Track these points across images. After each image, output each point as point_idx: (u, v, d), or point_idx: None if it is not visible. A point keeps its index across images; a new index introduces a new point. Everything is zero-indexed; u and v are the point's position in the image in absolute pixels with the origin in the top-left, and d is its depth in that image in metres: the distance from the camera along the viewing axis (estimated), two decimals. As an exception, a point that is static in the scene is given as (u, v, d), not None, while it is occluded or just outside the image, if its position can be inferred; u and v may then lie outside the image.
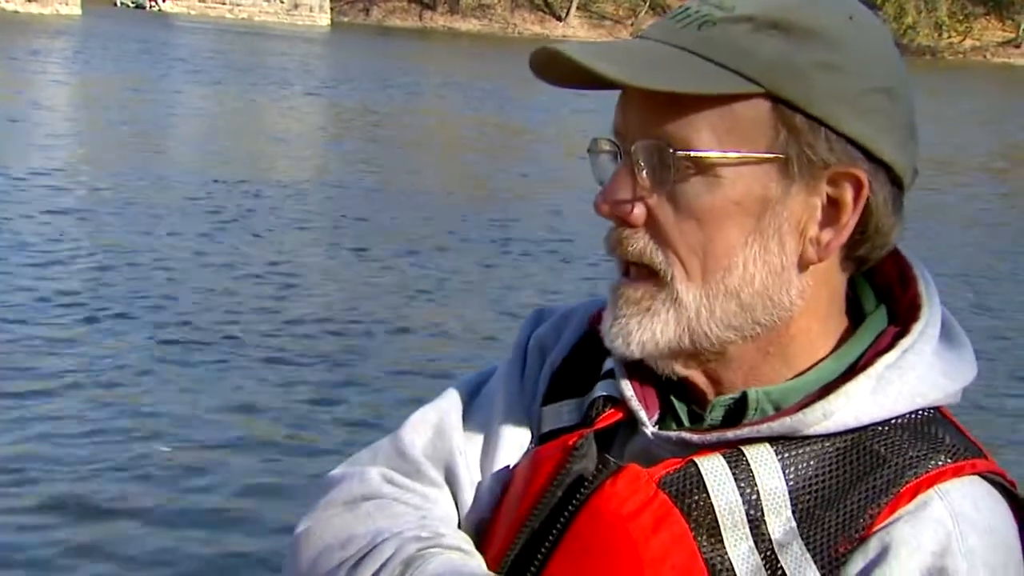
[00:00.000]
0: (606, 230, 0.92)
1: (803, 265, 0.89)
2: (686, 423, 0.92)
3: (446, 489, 0.98)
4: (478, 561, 0.92)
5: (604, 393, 0.95)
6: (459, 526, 0.98)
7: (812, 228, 0.88)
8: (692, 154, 0.86)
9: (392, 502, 0.96)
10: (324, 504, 0.97)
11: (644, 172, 0.88)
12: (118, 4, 43.25)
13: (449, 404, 1.02)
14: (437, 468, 0.99)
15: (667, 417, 0.93)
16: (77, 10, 32.73)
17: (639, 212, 0.88)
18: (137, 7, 43.05)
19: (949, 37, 42.48)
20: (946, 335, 0.92)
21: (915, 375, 0.88)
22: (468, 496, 0.97)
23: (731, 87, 0.85)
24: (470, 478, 0.98)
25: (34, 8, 31.05)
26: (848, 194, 0.87)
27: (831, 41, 0.87)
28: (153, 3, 43.31)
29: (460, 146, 14.73)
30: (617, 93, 0.91)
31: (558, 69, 0.88)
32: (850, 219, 0.88)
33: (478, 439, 1.00)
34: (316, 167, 12.05)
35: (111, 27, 26.02)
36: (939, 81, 29.10)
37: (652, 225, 0.88)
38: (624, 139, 0.90)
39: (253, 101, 17.04)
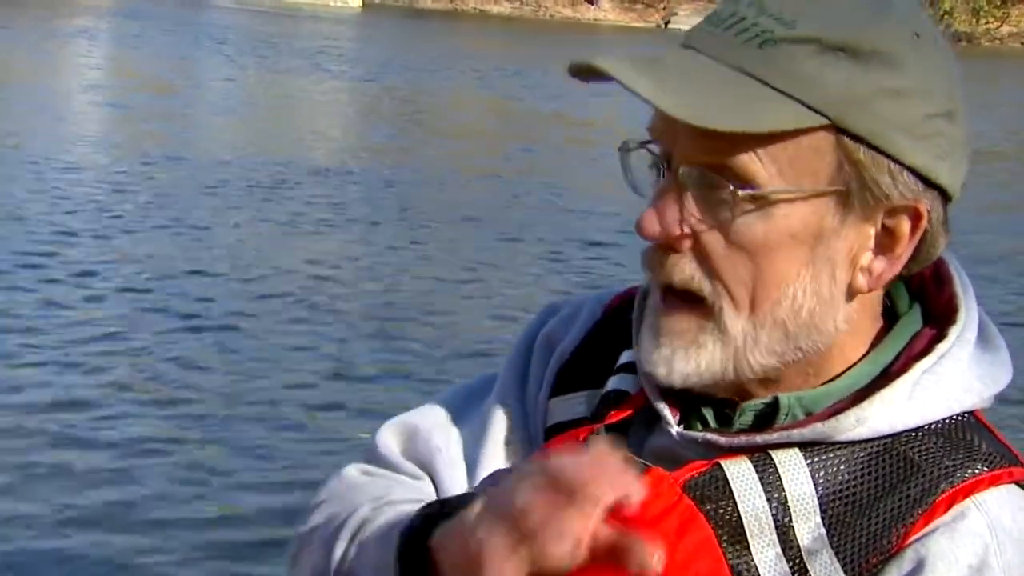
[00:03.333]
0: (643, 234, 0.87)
1: (852, 294, 0.86)
2: (712, 424, 0.90)
3: (424, 478, 0.98)
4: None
5: (618, 388, 0.93)
6: None
7: (864, 257, 0.85)
8: (750, 189, 0.82)
9: (365, 483, 0.97)
10: (313, 503, 0.98)
11: (693, 198, 0.83)
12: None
13: (431, 407, 1.02)
14: (415, 465, 0.99)
15: (691, 417, 0.90)
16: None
17: (685, 238, 0.85)
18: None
19: (986, 23, 41.92)
20: (982, 337, 0.89)
21: (952, 380, 0.86)
22: (447, 492, 0.96)
23: (797, 121, 0.81)
24: (451, 475, 0.96)
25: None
26: (905, 225, 0.85)
27: (897, 64, 0.83)
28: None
29: (494, 131, 14.68)
30: None
31: (594, 70, 0.82)
32: (905, 251, 0.85)
33: (463, 437, 0.99)
34: (351, 151, 12.04)
35: (141, 7, 26.09)
36: (978, 68, 28.73)
37: (699, 252, 0.85)
38: (669, 154, 0.85)
39: (287, 84, 17.05)
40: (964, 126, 0.87)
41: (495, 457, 0.97)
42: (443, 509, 0.82)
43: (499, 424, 0.98)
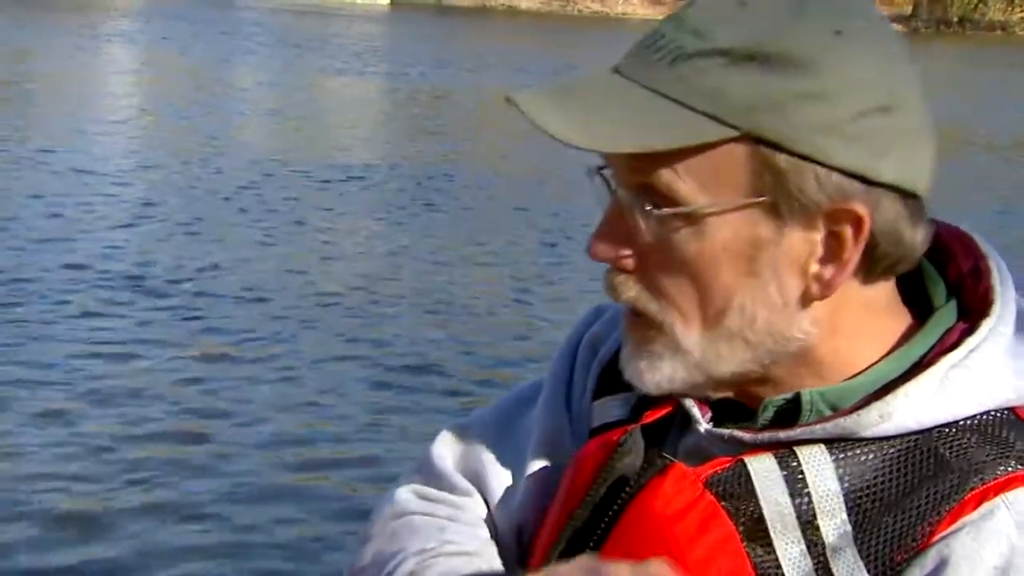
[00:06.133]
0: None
1: (807, 301, 0.84)
2: (745, 422, 0.89)
3: (477, 496, 0.98)
4: (483, 562, 0.91)
5: None
6: (495, 531, 0.97)
7: (813, 264, 0.83)
8: (673, 209, 0.82)
9: (417, 517, 0.97)
10: (365, 534, 0.99)
11: (632, 219, 0.84)
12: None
13: (483, 416, 1.03)
14: (467, 477, 0.99)
15: (724, 414, 0.90)
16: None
17: (629, 258, 0.85)
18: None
19: (1022, 11, 41.42)
20: (1022, 330, 0.86)
21: (983, 375, 0.84)
22: (499, 502, 0.97)
23: (704, 136, 0.81)
24: (501, 484, 0.97)
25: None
26: (847, 231, 0.82)
27: (813, 67, 0.80)
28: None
29: (523, 132, 14.64)
30: None
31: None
32: (851, 255, 0.83)
33: (515, 445, 0.99)
34: (380, 150, 12.08)
35: (170, 9, 26.30)
36: (1013, 57, 28.39)
37: (643, 272, 0.85)
38: (612, 176, 0.86)
39: (323, 84, 17.14)
40: (912, 114, 0.83)
41: (542, 466, 0.97)
42: None
43: (544, 432, 0.98)
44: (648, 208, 0.83)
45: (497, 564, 0.93)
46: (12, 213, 7.94)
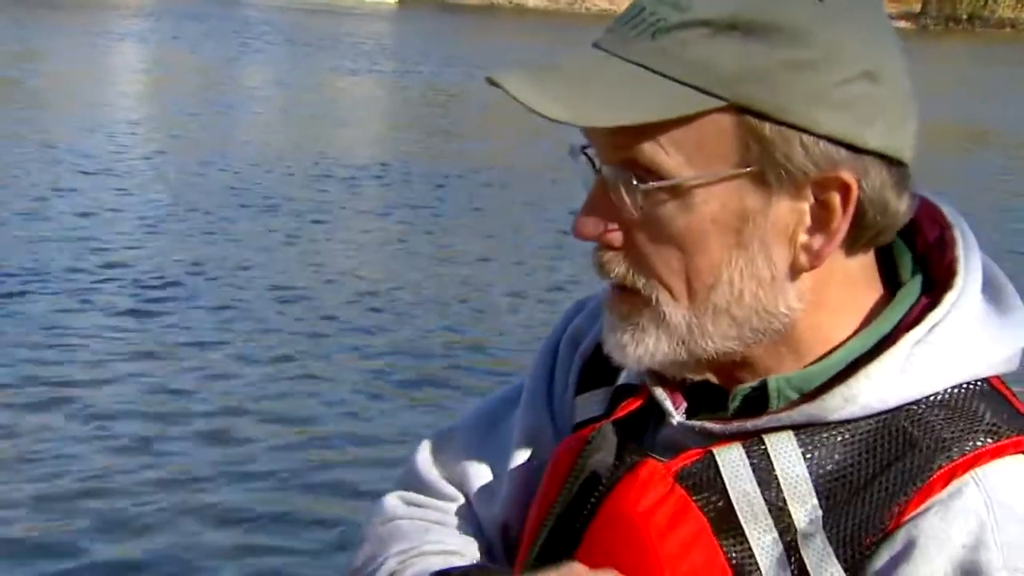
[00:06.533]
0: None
1: (796, 272, 0.83)
2: (720, 413, 0.88)
3: (463, 500, 1.00)
4: (463, 560, 0.93)
5: (627, 382, 0.93)
6: (481, 532, 0.98)
7: (802, 234, 0.82)
8: (659, 182, 0.81)
9: (404, 522, 0.99)
10: (359, 540, 1.01)
11: (617, 196, 0.83)
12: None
13: (467, 420, 1.04)
14: (453, 482, 1.01)
15: (699, 405, 0.90)
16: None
17: (616, 235, 0.85)
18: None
19: (1032, 8, 41.21)
20: (994, 298, 0.86)
21: (948, 350, 0.83)
22: (484, 503, 0.98)
23: (690, 107, 0.79)
24: (486, 485, 0.98)
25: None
26: (836, 199, 0.81)
27: (797, 35, 0.79)
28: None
29: (541, 128, 14.65)
30: None
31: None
32: (840, 224, 0.82)
33: (500, 446, 1.00)
34: (390, 148, 12.07)
35: (177, 7, 26.34)
36: (1022, 54, 28.24)
37: (631, 248, 0.84)
38: (596, 154, 0.86)
39: (332, 82, 17.14)
40: (897, 81, 0.82)
41: (524, 465, 0.97)
42: None
43: (524, 431, 0.98)
44: (633, 183, 0.81)
45: (478, 560, 0.94)
46: (20, 211, 7.97)
